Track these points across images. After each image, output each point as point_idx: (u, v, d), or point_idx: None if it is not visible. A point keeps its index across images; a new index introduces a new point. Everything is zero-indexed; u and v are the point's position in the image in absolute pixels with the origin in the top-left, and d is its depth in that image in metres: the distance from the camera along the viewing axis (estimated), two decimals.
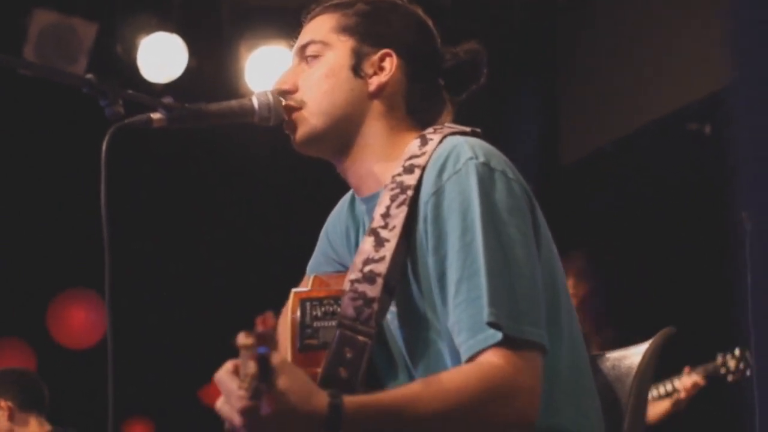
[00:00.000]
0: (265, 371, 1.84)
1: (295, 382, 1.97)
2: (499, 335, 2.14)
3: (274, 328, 1.85)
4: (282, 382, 1.94)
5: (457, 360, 2.23)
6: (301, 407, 1.97)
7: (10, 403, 5.24)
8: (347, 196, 2.66)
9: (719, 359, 5.78)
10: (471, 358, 2.17)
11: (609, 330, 5.87)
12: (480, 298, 2.17)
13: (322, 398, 2.01)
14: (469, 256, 2.20)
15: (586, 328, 6.00)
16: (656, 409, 5.92)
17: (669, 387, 5.86)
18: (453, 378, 2.16)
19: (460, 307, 2.20)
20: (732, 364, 5.74)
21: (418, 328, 2.36)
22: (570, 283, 5.98)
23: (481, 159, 2.27)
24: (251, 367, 1.84)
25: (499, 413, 2.14)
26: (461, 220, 2.23)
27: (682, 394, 5.81)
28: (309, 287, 2.55)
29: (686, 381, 5.81)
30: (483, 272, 2.18)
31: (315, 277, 2.60)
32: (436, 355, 2.33)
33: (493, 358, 2.14)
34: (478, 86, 2.57)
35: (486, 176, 2.25)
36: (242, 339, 1.86)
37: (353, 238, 2.60)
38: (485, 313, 2.15)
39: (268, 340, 1.83)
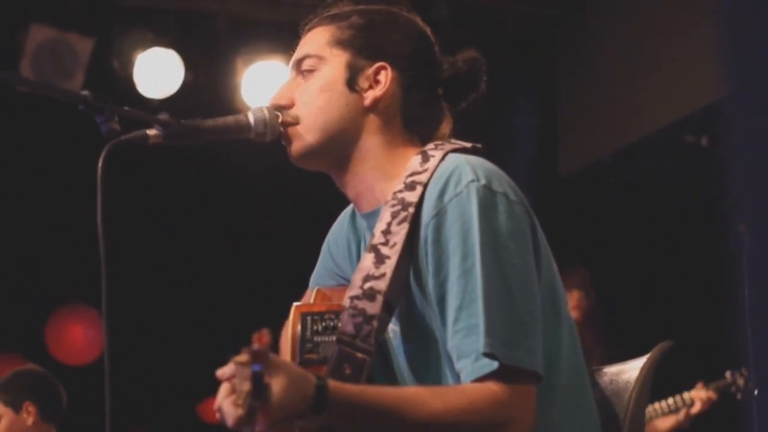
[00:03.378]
0: (260, 389, 1.85)
1: (288, 382, 2.02)
2: (495, 364, 2.16)
3: (269, 345, 1.86)
4: (277, 382, 1.97)
5: (458, 379, 2.24)
6: (293, 398, 2.02)
7: (37, 409, 5.22)
8: (348, 209, 2.65)
9: (729, 377, 5.79)
10: None
11: (612, 343, 5.88)
12: (478, 326, 2.18)
13: (310, 383, 2.05)
14: (469, 282, 2.21)
15: (588, 342, 6.00)
16: (665, 423, 5.91)
17: (679, 400, 5.86)
18: (446, 393, 2.20)
19: (460, 334, 2.21)
20: (741, 382, 5.76)
21: (422, 345, 2.36)
22: (575, 296, 6.00)
23: (483, 181, 2.26)
24: (246, 385, 1.85)
25: None
26: (462, 244, 2.23)
27: (696, 408, 5.81)
28: (311, 301, 2.55)
29: (702, 394, 5.81)
30: (481, 300, 2.19)
31: (317, 290, 2.60)
32: (441, 372, 2.33)
33: (489, 386, 2.16)
34: (477, 95, 2.55)
35: (487, 199, 2.25)
36: (238, 357, 1.88)
37: (354, 251, 2.59)
38: (482, 344, 2.17)
39: (263, 357, 1.84)
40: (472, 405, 2.15)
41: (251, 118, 2.47)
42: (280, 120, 2.48)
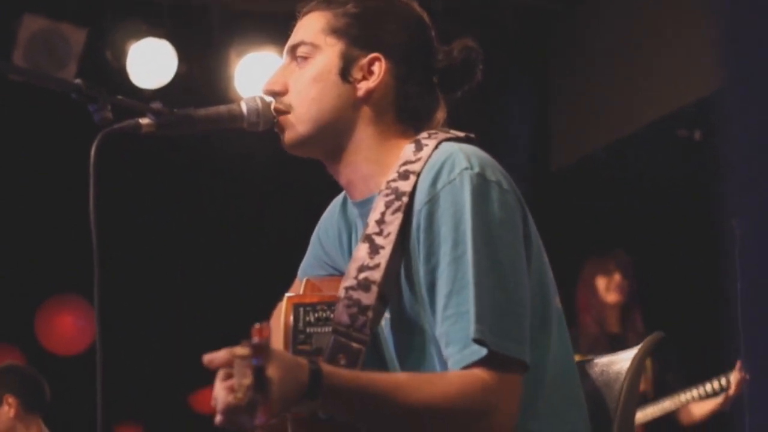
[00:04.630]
0: (261, 382, 1.85)
1: (283, 371, 2.01)
2: (483, 351, 2.16)
3: (269, 339, 1.87)
4: (272, 372, 1.96)
5: (446, 368, 2.25)
6: (289, 386, 2.03)
7: (18, 401, 5.24)
8: (339, 199, 2.64)
9: None
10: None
11: (652, 327, 5.89)
12: (468, 313, 2.18)
13: (303, 369, 2.07)
14: (460, 269, 2.21)
15: (638, 325, 6.00)
16: (704, 407, 5.89)
17: (716, 384, 5.82)
18: (436, 380, 2.20)
19: (449, 320, 2.21)
20: None
21: (410, 334, 2.36)
22: (616, 279, 6.00)
23: (476, 169, 2.26)
24: (247, 378, 1.85)
25: (472, 427, 2.18)
26: (453, 231, 2.23)
27: (732, 390, 5.76)
28: (301, 291, 2.54)
29: (738, 375, 5.76)
30: (472, 287, 2.19)
31: (307, 281, 2.59)
32: (426, 361, 2.33)
33: (477, 373, 2.17)
34: (473, 84, 2.53)
35: (480, 187, 2.25)
36: (239, 349, 1.88)
37: (345, 241, 2.58)
38: (472, 330, 2.17)
39: (263, 351, 1.85)
40: (461, 392, 2.16)
41: (244, 108, 2.46)
42: (272, 107, 2.48)
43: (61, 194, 6.16)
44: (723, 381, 5.77)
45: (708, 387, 5.81)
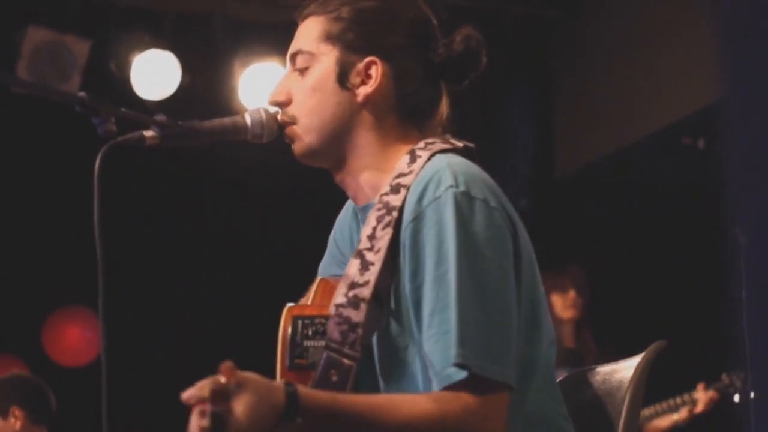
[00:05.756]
0: (218, 428, 1.87)
1: (256, 399, 2.03)
2: (464, 374, 2.15)
3: (231, 383, 1.90)
4: (243, 402, 2.00)
5: (429, 383, 2.25)
6: (262, 413, 2.03)
7: (24, 413, 5.23)
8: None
9: (725, 379, 5.85)
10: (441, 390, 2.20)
11: (605, 342, 5.91)
12: (449, 333, 2.18)
13: (279, 392, 2.07)
14: (442, 289, 2.21)
15: (584, 340, 6.03)
16: (665, 421, 5.96)
17: (679, 401, 5.90)
18: (417, 401, 2.19)
19: (432, 340, 2.21)
20: (738, 384, 5.81)
21: (392, 347, 2.35)
22: (571, 296, 6.00)
23: (462, 187, 2.25)
24: (205, 421, 1.87)
25: None
26: (437, 250, 2.23)
27: (699, 407, 5.87)
28: (314, 290, 2.54)
29: (703, 395, 5.87)
30: (454, 307, 2.18)
31: (321, 280, 2.58)
32: (408, 377, 2.33)
33: (460, 395, 2.17)
34: (478, 72, 2.49)
35: (464, 206, 2.23)
36: (203, 390, 1.89)
37: (356, 240, 2.57)
38: (453, 353, 2.16)
39: (221, 396, 1.88)
40: (442, 413, 2.15)
41: (248, 120, 2.47)
42: (279, 118, 2.48)
43: (67, 206, 6.17)
44: (686, 398, 5.87)
45: (671, 402, 5.91)
